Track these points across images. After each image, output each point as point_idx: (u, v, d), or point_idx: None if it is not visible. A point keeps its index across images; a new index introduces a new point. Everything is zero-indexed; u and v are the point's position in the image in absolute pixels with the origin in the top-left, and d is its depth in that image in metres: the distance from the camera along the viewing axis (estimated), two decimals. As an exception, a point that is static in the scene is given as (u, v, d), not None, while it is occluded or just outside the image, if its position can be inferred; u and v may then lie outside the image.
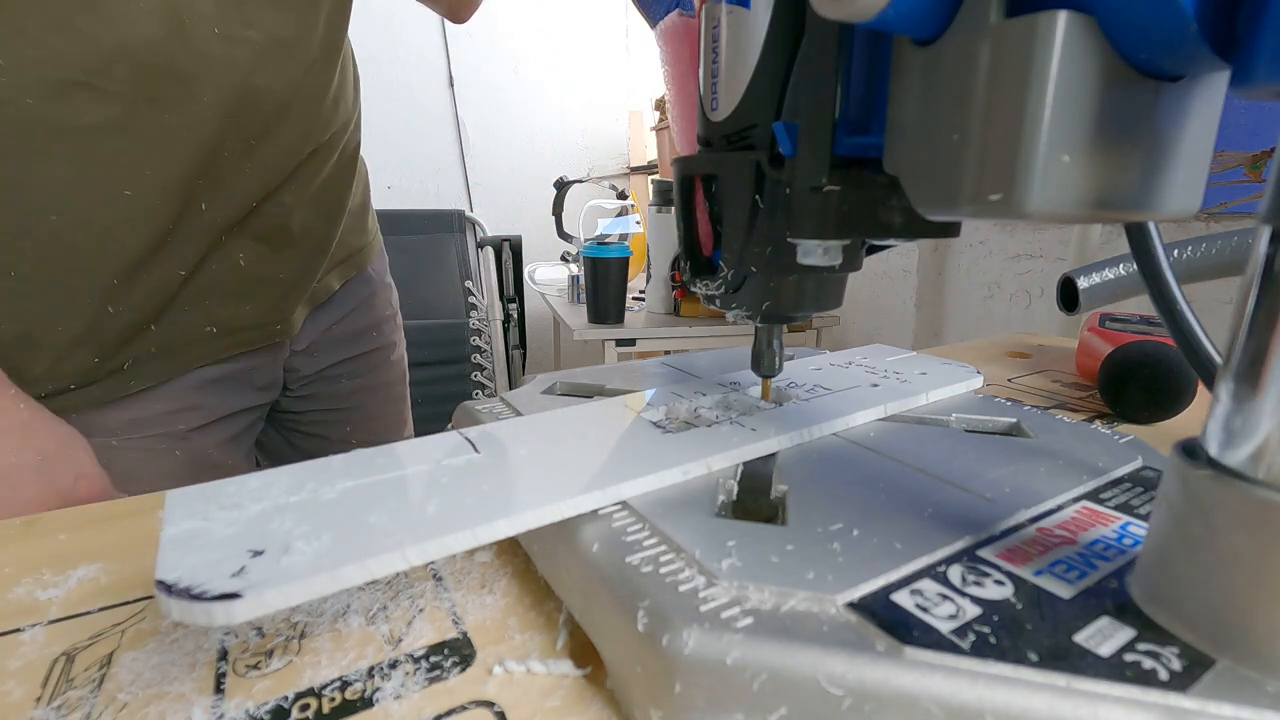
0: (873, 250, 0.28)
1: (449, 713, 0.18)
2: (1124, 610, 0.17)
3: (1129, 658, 0.15)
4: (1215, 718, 0.14)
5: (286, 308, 0.55)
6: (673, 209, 0.54)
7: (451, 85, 2.25)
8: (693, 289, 0.30)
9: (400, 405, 0.72)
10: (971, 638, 0.16)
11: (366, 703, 0.18)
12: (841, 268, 0.25)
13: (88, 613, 0.23)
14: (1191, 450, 0.16)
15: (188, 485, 0.22)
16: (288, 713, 0.18)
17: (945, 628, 0.16)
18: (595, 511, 0.22)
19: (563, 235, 1.78)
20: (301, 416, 0.65)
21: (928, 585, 0.18)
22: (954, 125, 0.16)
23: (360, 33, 0.54)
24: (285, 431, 0.66)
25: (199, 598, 0.16)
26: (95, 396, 0.46)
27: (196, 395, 0.50)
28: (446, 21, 0.56)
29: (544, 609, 0.23)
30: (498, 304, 2.03)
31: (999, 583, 0.18)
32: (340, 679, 0.19)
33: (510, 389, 0.52)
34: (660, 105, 2.21)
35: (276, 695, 0.19)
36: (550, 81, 2.37)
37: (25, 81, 0.36)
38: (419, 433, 0.31)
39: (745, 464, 0.26)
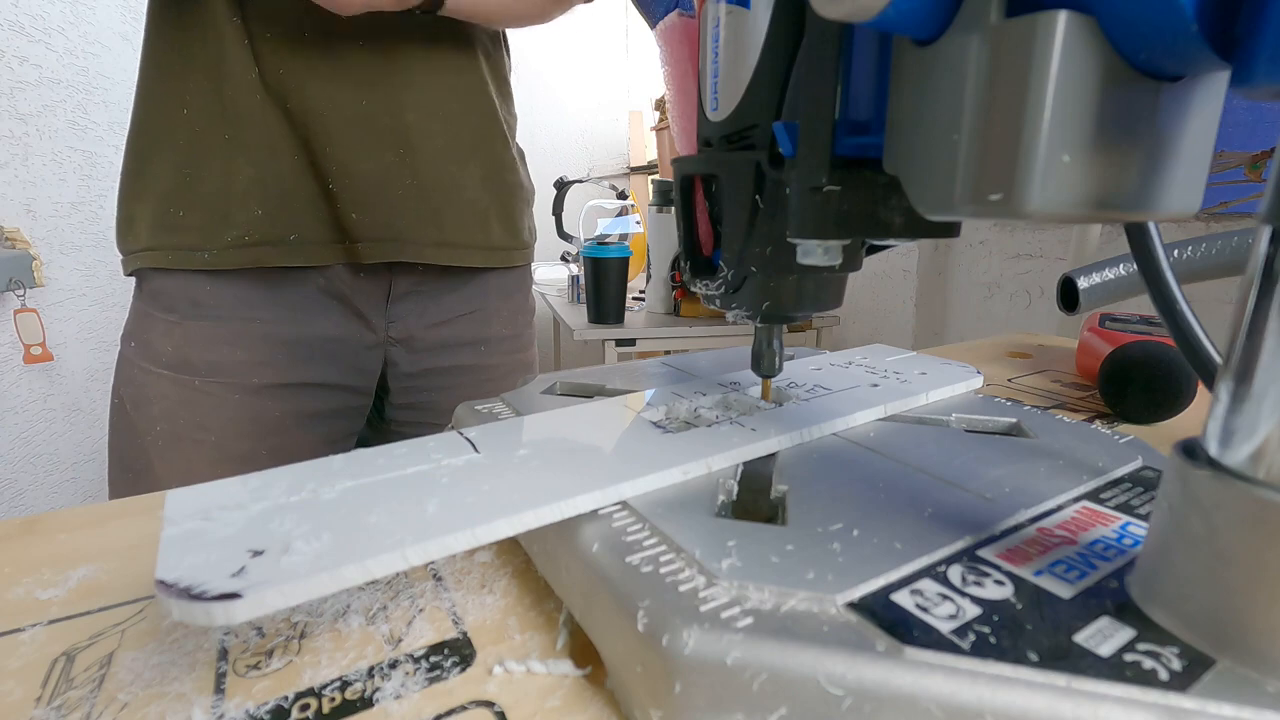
0: (873, 250, 0.28)
1: (449, 713, 0.18)
2: (1124, 610, 0.17)
3: (1129, 658, 0.15)
4: (1215, 718, 0.14)
5: (403, 226, 0.56)
6: (673, 209, 0.54)
7: (451, 85, 2.24)
8: (693, 289, 0.30)
9: None
10: (971, 638, 0.16)
11: (366, 703, 0.18)
12: (841, 268, 0.25)
13: (88, 613, 0.23)
14: (1191, 450, 0.16)
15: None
16: (288, 713, 0.18)
17: (945, 628, 0.16)
18: (595, 511, 0.22)
19: (563, 235, 1.78)
20: (404, 428, 0.65)
21: (928, 585, 0.18)
22: (954, 125, 0.16)
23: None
24: (389, 439, 0.66)
25: (199, 598, 0.16)
26: (260, 257, 0.53)
27: (272, 350, 0.55)
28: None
29: (544, 609, 0.23)
30: (498, 304, 2.02)
31: (999, 583, 0.18)
32: (340, 679, 0.19)
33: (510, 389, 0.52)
34: (660, 105, 2.21)
35: (276, 695, 0.19)
36: (550, 81, 2.37)
37: None
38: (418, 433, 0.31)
39: (745, 464, 0.26)
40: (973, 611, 0.17)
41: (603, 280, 1.36)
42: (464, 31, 0.56)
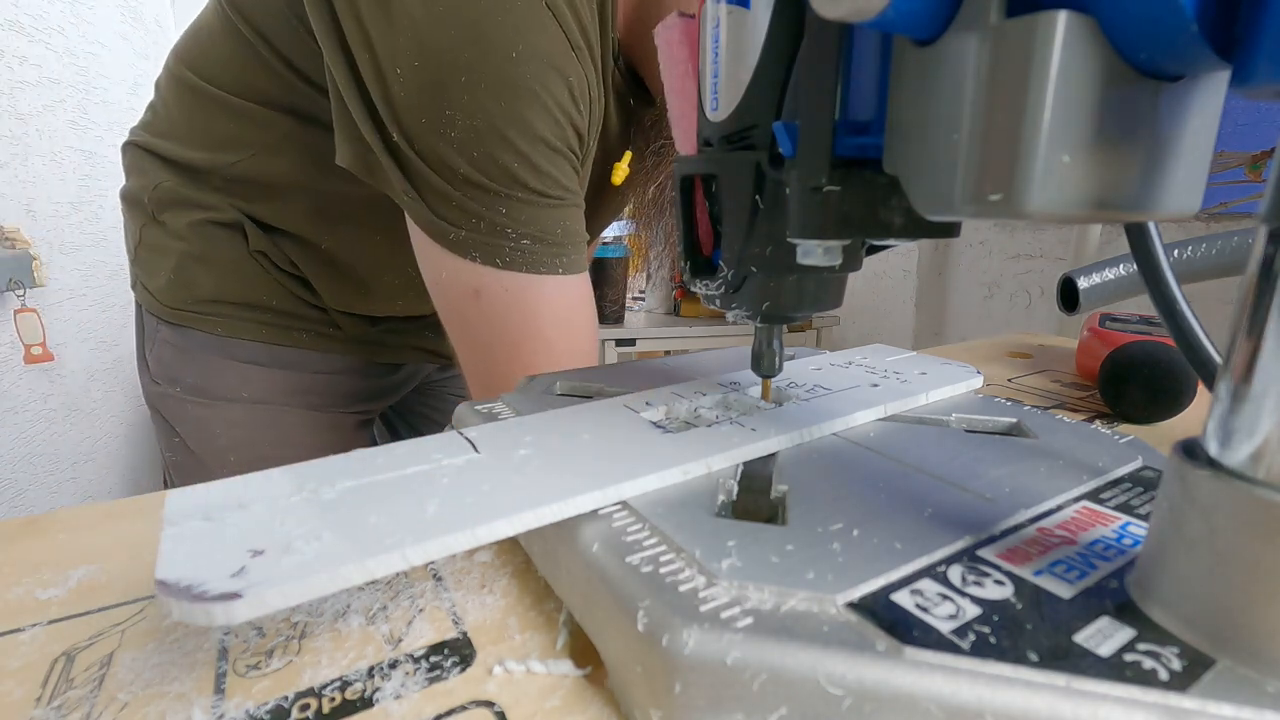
0: (873, 250, 0.28)
1: (449, 713, 0.18)
2: (1124, 610, 0.17)
3: (1129, 658, 0.15)
4: (1215, 718, 0.14)
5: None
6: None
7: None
8: (693, 289, 0.30)
9: None
10: (971, 638, 0.16)
11: (366, 703, 0.18)
12: (841, 268, 0.25)
13: (88, 613, 0.23)
14: (1191, 450, 0.16)
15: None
16: (288, 713, 0.18)
17: (945, 628, 0.16)
18: (595, 511, 0.22)
19: (563, 235, 1.78)
20: (416, 413, 0.80)
21: (928, 585, 0.18)
22: (954, 125, 0.16)
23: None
24: (403, 419, 0.81)
25: (199, 597, 0.16)
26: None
27: (316, 379, 0.64)
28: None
29: (544, 609, 0.23)
30: (498, 304, 2.02)
31: (999, 583, 0.18)
32: (340, 679, 0.19)
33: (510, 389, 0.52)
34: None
35: (276, 695, 0.19)
36: (550, 81, 2.37)
37: None
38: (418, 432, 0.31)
39: (745, 464, 0.26)
40: (973, 611, 0.17)
41: (602, 280, 1.36)
42: None
